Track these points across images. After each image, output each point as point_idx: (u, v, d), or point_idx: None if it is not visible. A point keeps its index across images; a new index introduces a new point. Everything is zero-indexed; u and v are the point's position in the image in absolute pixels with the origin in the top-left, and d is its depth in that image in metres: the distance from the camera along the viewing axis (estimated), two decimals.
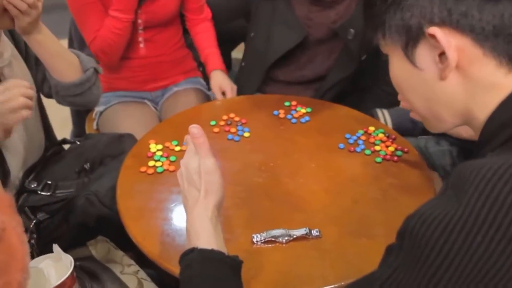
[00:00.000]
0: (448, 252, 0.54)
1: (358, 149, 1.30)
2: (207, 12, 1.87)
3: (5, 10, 1.11)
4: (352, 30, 1.58)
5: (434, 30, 0.63)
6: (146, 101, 1.86)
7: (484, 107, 0.65)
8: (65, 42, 2.09)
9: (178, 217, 1.08)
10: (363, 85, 1.75)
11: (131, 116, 1.77)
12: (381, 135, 1.36)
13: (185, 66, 1.93)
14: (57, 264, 1.02)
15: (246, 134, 1.35)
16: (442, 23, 0.63)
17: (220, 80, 1.74)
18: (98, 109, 1.83)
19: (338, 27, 1.60)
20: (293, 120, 1.43)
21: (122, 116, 1.77)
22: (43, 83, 1.37)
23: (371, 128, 1.38)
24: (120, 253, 1.27)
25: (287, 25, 1.63)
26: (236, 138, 1.34)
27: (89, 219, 1.26)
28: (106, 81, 1.86)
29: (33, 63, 1.33)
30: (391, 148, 1.31)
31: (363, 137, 1.35)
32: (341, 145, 1.31)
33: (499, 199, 0.52)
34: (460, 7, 0.62)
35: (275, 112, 1.46)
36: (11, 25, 1.15)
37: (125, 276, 1.20)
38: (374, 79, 1.73)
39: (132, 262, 1.25)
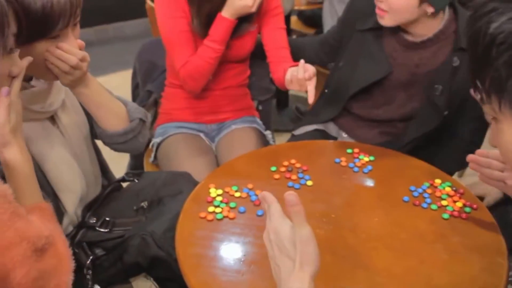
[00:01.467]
0: None
1: (424, 205, 1.24)
2: (288, 56, 1.78)
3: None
4: (439, 87, 1.54)
5: None
6: (201, 134, 1.86)
7: None
8: (128, 73, 2.14)
9: (236, 268, 1.06)
10: (436, 139, 1.69)
11: (188, 150, 1.76)
12: (448, 189, 1.30)
13: (243, 103, 1.93)
14: None
15: (309, 183, 1.32)
16: None
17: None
18: (155, 140, 1.84)
19: (426, 86, 1.57)
20: (355, 169, 1.39)
21: (179, 149, 1.77)
22: (92, 127, 1.38)
23: (438, 181, 1.33)
24: None
25: (373, 59, 1.63)
26: (297, 185, 1.31)
27: (143, 259, 1.25)
28: (164, 112, 1.89)
29: None
30: (459, 204, 1.25)
31: (429, 190, 1.30)
32: (406, 198, 1.27)
33: None
34: None
35: (337, 160, 1.43)
36: (56, 79, 1.14)
37: None
38: (455, 137, 1.66)
39: None
